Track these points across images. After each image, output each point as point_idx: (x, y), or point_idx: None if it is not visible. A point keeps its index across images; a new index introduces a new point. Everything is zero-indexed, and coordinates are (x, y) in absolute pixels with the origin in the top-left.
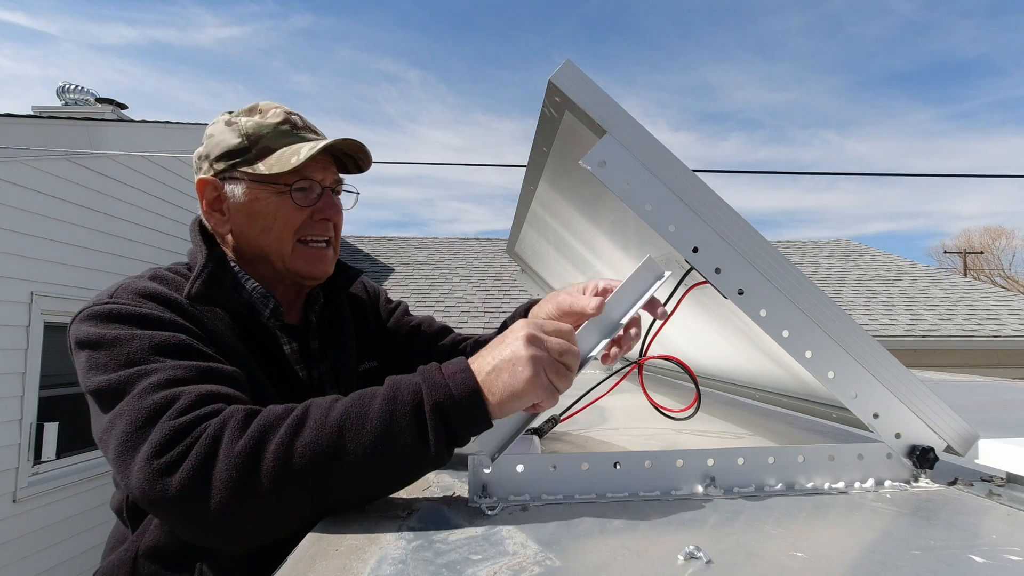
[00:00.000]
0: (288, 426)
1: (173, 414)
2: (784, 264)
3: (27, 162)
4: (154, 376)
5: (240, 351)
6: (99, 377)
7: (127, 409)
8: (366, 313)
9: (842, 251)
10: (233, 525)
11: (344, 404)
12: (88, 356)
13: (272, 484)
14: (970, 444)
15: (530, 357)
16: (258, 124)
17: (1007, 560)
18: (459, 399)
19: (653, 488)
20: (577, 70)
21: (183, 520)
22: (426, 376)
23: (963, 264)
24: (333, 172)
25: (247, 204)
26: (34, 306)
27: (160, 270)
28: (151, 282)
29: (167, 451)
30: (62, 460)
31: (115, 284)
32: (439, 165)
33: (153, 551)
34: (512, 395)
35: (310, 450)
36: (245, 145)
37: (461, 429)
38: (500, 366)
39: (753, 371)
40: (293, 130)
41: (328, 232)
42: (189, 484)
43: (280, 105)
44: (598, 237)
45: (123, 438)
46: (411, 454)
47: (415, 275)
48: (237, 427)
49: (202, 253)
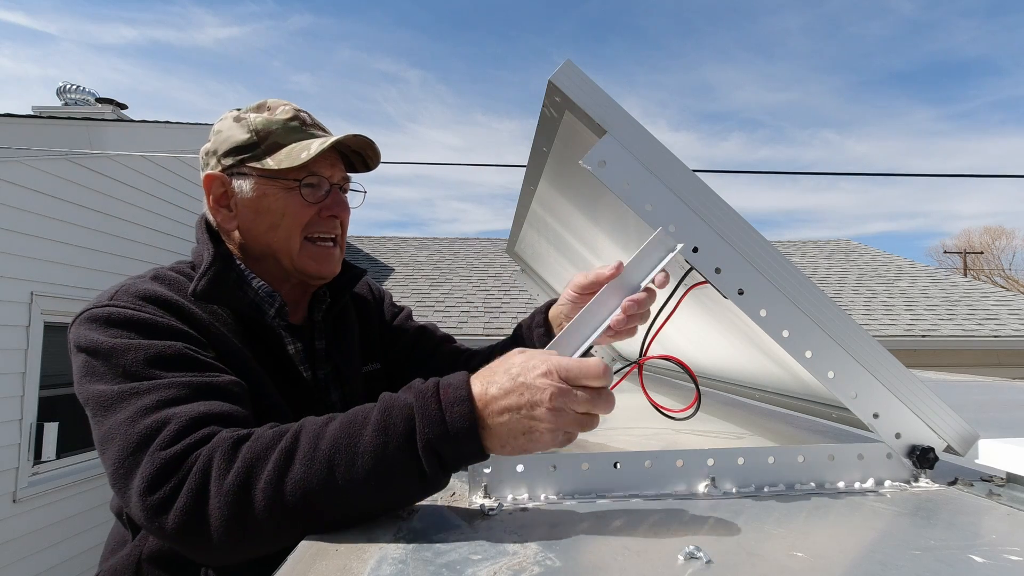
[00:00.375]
0: (276, 459)
1: (162, 443)
2: (784, 264)
3: (27, 162)
4: (145, 397)
5: (243, 352)
6: (93, 386)
7: (118, 434)
8: (371, 314)
9: (842, 251)
10: (233, 552)
11: (333, 433)
12: (84, 362)
13: (265, 520)
14: (970, 444)
15: (550, 423)
16: (267, 120)
17: (1007, 560)
18: (454, 435)
19: (653, 488)
20: (577, 70)
21: (184, 548)
22: (421, 405)
23: (963, 264)
24: (341, 169)
25: (255, 200)
26: (34, 306)
27: (163, 270)
28: (152, 283)
29: (159, 487)
30: (62, 460)
31: (116, 285)
32: (439, 165)
33: (157, 556)
34: (520, 449)
35: (300, 488)
36: (254, 140)
37: (454, 462)
38: (511, 406)
39: (753, 371)
40: (302, 127)
41: (335, 230)
42: (185, 520)
43: (289, 103)
44: (598, 237)
45: (116, 464)
46: (402, 489)
47: (415, 275)
48: (224, 458)
49: (208, 251)
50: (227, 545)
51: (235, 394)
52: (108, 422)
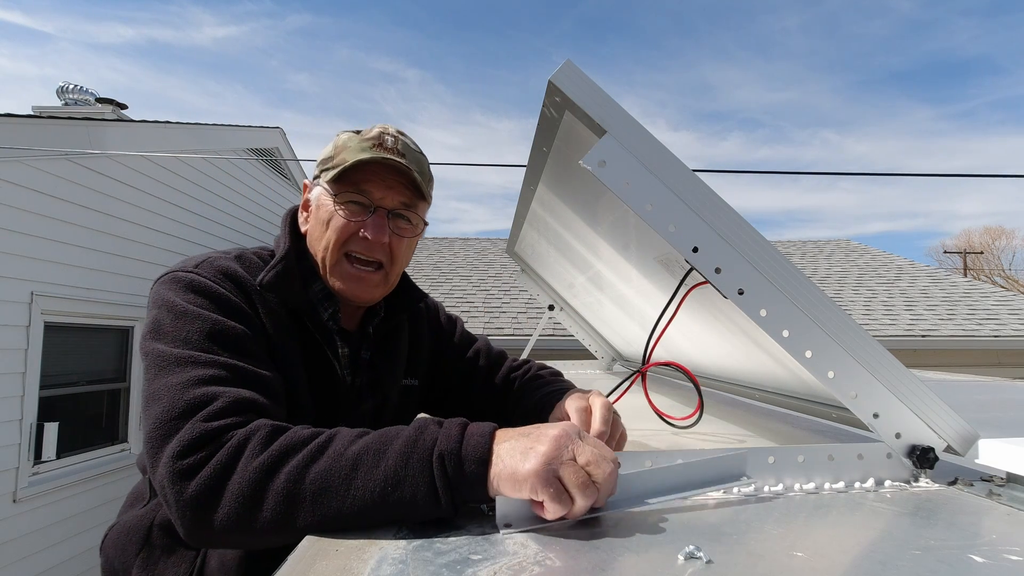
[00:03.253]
0: (308, 452)
1: (206, 416)
2: (784, 264)
3: (27, 162)
4: (200, 369)
5: (292, 345)
6: (155, 344)
7: (167, 396)
8: (421, 330)
9: (842, 251)
10: (229, 535)
11: (366, 441)
12: (155, 318)
13: (278, 504)
14: (970, 444)
15: (545, 452)
16: (351, 137)
17: (1007, 560)
18: (465, 456)
19: (653, 488)
20: (577, 70)
21: (188, 519)
22: (446, 431)
23: (963, 264)
24: (399, 194)
25: (316, 209)
26: (34, 306)
27: (246, 251)
28: (234, 262)
29: (192, 453)
30: (62, 460)
31: (202, 255)
32: (438, 165)
33: (169, 524)
34: (510, 476)
35: (320, 479)
36: (331, 154)
37: (456, 482)
38: (518, 444)
39: (753, 371)
40: (373, 147)
41: (376, 254)
42: (204, 491)
43: (389, 126)
44: (598, 237)
45: (157, 423)
46: (410, 498)
47: (415, 275)
48: (260, 441)
49: (284, 244)
50: (228, 524)
51: (275, 391)
52: (160, 381)
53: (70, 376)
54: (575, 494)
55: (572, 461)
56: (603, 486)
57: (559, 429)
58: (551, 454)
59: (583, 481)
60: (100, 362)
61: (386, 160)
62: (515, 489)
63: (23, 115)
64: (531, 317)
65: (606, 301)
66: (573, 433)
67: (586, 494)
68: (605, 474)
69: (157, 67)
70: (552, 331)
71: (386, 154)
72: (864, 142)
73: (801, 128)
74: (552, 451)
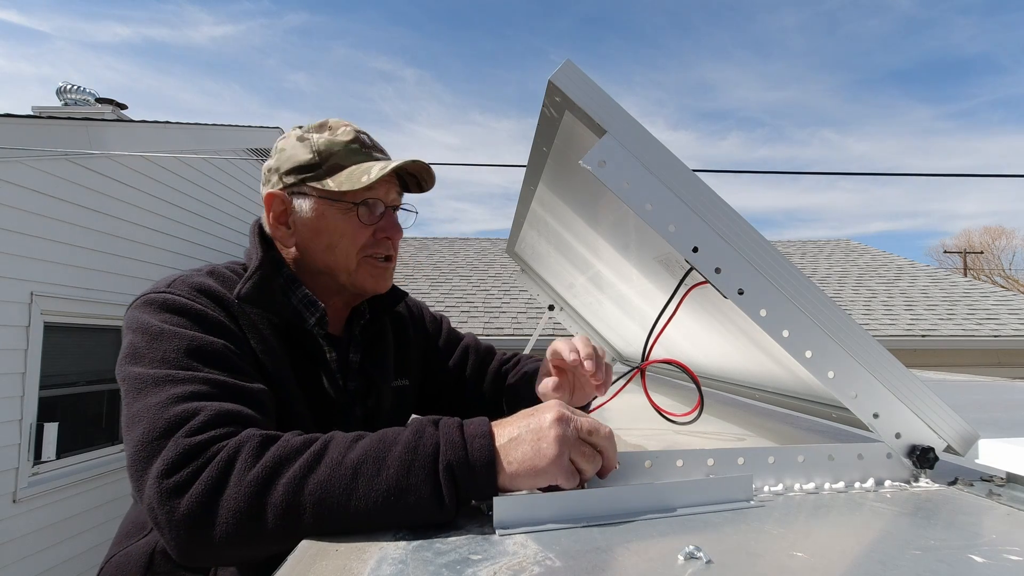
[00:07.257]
0: (304, 461)
1: (189, 431)
2: (784, 264)
3: (27, 162)
4: (180, 386)
5: (280, 355)
6: (132, 368)
7: (147, 417)
8: (407, 330)
9: (842, 251)
10: (229, 550)
11: (364, 446)
12: (130, 342)
13: (277, 519)
14: (970, 444)
15: (556, 436)
16: (329, 141)
17: (1007, 560)
18: (473, 464)
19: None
20: (577, 70)
21: (183, 539)
22: (447, 434)
23: (963, 264)
24: (396, 191)
25: (314, 220)
26: (34, 306)
27: (218, 267)
28: (207, 278)
29: (178, 470)
30: (62, 460)
31: (174, 275)
32: (438, 165)
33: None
34: (530, 470)
35: (320, 490)
36: (316, 161)
37: (466, 490)
38: (522, 436)
39: (753, 371)
40: (362, 149)
41: (389, 249)
42: (196, 508)
43: (350, 123)
44: (598, 237)
45: (139, 446)
46: (416, 506)
47: (415, 275)
48: (252, 453)
49: (257, 255)
50: (227, 546)
51: (262, 403)
52: (139, 404)
53: (70, 376)
54: (582, 467)
55: (578, 439)
56: (607, 450)
57: (553, 412)
58: (561, 438)
59: (587, 455)
60: (100, 362)
61: (400, 166)
62: (535, 482)
63: (23, 115)
64: (531, 317)
65: (606, 301)
66: (565, 410)
67: (590, 467)
68: (605, 437)
69: (154, 66)
70: (552, 331)
71: (382, 156)
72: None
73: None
74: (561, 436)
